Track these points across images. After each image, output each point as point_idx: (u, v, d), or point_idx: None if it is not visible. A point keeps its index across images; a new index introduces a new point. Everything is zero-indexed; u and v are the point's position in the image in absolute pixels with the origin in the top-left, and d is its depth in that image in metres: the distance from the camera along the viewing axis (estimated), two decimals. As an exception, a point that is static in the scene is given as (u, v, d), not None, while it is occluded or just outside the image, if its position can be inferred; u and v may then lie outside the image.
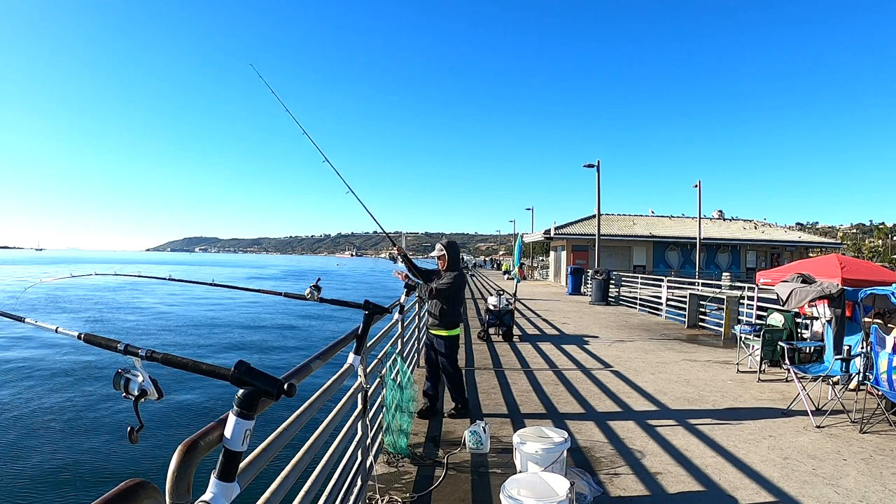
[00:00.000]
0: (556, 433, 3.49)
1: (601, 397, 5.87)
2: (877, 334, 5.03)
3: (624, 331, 11.38)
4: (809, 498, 3.41)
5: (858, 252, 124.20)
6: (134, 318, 21.30)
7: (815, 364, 6.15)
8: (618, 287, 18.65)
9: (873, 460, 4.08)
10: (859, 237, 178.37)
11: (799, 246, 34.99)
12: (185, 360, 1.16)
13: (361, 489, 3.08)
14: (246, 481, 1.41)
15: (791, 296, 6.11)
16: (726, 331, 10.29)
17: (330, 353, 2.28)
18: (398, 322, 5.47)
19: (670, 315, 14.05)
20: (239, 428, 1.12)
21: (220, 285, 2.85)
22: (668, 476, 3.75)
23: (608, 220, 32.54)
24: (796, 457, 4.14)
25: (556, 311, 15.31)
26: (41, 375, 11.15)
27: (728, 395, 6.07)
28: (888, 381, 4.80)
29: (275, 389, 1.13)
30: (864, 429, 4.80)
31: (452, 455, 4.07)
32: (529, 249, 45.29)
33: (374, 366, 3.63)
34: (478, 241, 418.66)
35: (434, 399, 5.16)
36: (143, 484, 0.81)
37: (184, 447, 1.09)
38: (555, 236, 30.92)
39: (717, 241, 32.98)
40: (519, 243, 13.72)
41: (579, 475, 3.56)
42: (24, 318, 1.44)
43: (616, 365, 7.65)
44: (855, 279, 6.71)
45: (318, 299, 2.57)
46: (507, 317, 9.73)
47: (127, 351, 1.16)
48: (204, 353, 14.27)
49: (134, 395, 1.09)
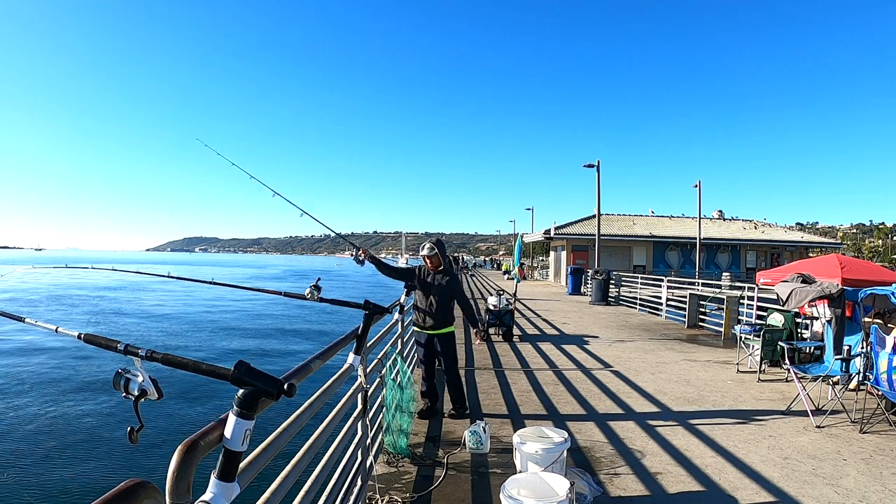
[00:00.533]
0: (556, 433, 3.49)
1: (601, 397, 5.87)
2: (877, 334, 5.03)
3: (624, 331, 11.38)
4: (809, 498, 3.41)
5: (858, 252, 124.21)
6: (134, 318, 21.30)
7: (815, 364, 6.15)
8: (618, 287, 18.65)
9: (873, 460, 4.08)
10: (859, 237, 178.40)
11: (799, 246, 34.99)
12: (185, 360, 1.16)
13: (361, 489, 3.08)
14: (246, 481, 1.41)
15: (791, 296, 6.11)
16: (726, 331, 10.29)
17: (330, 353, 2.28)
18: (398, 322, 5.48)
19: (670, 315, 14.05)
20: (239, 428, 1.12)
21: (219, 283, 2.86)
22: (668, 476, 3.75)
23: (608, 220, 32.54)
24: (796, 457, 4.13)
25: (556, 311, 15.30)
26: (41, 376, 11.15)
27: (728, 395, 6.07)
28: (888, 381, 4.80)
29: (275, 389, 1.13)
30: (864, 429, 4.80)
31: (452, 455, 4.07)
32: (529, 249, 45.29)
33: (374, 366, 3.63)
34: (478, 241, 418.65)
35: (434, 399, 5.15)
36: (143, 484, 0.81)
37: (184, 447, 1.09)
38: (555, 236, 30.92)
39: (717, 241, 32.99)
40: (519, 243, 13.72)
41: (579, 475, 3.56)
42: (24, 318, 1.44)
43: (616, 365, 7.65)
44: (855, 279, 6.71)
45: (317, 299, 2.57)
46: (507, 317, 9.73)
47: (127, 351, 1.16)
48: (204, 353, 14.27)
49: (134, 395, 1.09)
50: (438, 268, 5.02)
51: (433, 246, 4.98)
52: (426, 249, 5.00)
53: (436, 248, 4.97)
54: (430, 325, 5.02)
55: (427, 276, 5.04)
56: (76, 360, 12.41)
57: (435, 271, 5.02)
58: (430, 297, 4.99)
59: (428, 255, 4.99)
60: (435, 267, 5.01)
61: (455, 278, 5.07)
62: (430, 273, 5.03)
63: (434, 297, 4.98)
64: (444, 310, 5.01)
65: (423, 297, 5.03)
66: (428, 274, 5.04)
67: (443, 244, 5.10)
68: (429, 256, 4.98)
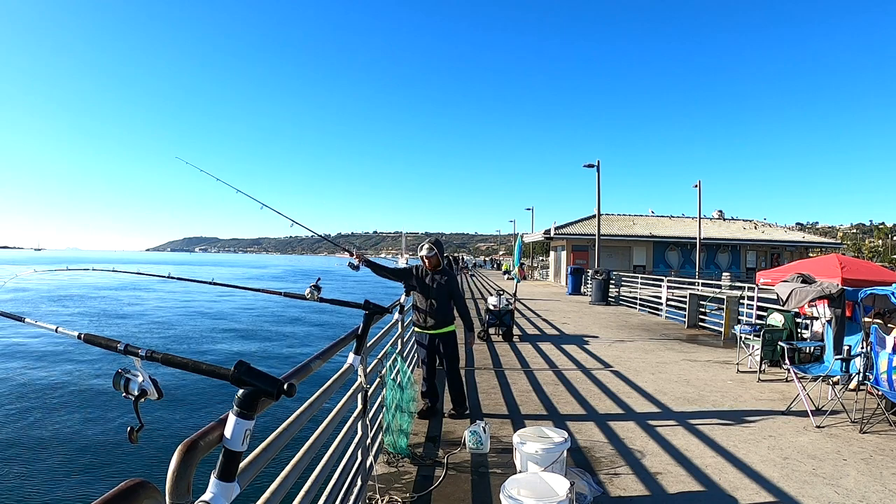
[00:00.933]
0: (556, 433, 3.49)
1: (601, 397, 5.87)
2: (877, 334, 5.03)
3: (624, 331, 11.38)
4: (809, 498, 3.41)
5: (858, 252, 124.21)
6: (134, 318, 21.30)
7: (815, 364, 6.15)
8: (618, 287, 18.65)
9: (873, 460, 4.08)
10: (859, 237, 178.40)
11: (799, 246, 34.99)
12: (185, 360, 1.16)
13: (361, 489, 3.08)
14: (246, 481, 1.41)
15: (791, 296, 6.10)
16: (726, 331, 10.29)
17: (330, 352, 2.28)
18: (398, 322, 5.48)
19: (670, 315, 14.05)
20: (239, 428, 1.12)
21: (219, 284, 2.86)
22: (668, 476, 3.75)
23: (608, 220, 32.54)
24: (796, 457, 4.13)
25: (556, 311, 15.30)
26: (41, 376, 11.15)
27: (728, 395, 6.07)
28: (888, 381, 4.80)
29: (274, 389, 1.13)
30: (864, 429, 4.80)
31: (452, 455, 4.07)
32: (529, 249, 45.30)
33: (374, 366, 3.63)
34: (478, 241, 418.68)
35: (434, 400, 5.16)
36: (143, 484, 0.81)
37: (184, 447, 1.09)
38: (555, 236, 30.92)
39: (717, 241, 32.99)
40: (519, 243, 13.72)
41: (579, 475, 3.56)
42: (24, 318, 1.44)
43: (616, 365, 7.65)
44: (855, 279, 6.71)
45: (318, 299, 2.57)
46: (507, 317, 9.73)
47: (127, 351, 1.17)
48: (204, 354, 14.27)
49: (134, 395, 1.09)
50: (437, 268, 5.03)
51: (432, 246, 5.00)
52: (425, 249, 5.02)
53: (435, 249, 4.98)
54: (431, 324, 5.04)
55: (425, 276, 5.05)
56: (76, 360, 12.41)
57: (433, 271, 5.03)
58: (430, 297, 5.00)
59: (427, 255, 5.00)
60: (433, 267, 5.02)
61: (453, 278, 5.09)
62: (429, 273, 5.04)
63: (434, 297, 4.99)
64: (444, 309, 5.03)
65: (423, 298, 5.04)
66: (426, 274, 5.05)
67: (441, 244, 5.11)
68: (428, 257, 5.00)
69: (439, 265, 5.04)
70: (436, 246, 5.00)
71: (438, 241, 5.09)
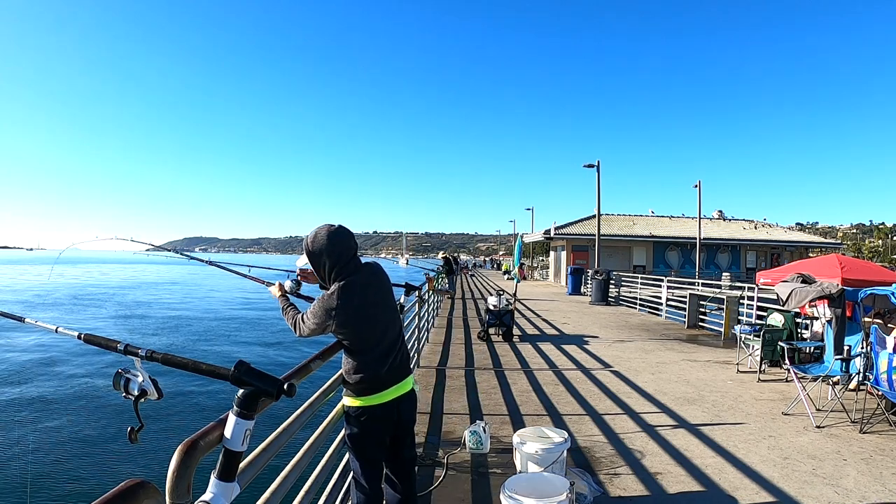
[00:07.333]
0: (556, 433, 3.49)
1: (601, 397, 5.87)
2: (877, 334, 5.03)
3: (624, 331, 11.38)
4: (809, 498, 3.41)
5: (858, 252, 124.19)
6: (134, 319, 21.29)
7: (815, 364, 6.15)
8: (618, 287, 18.64)
9: (873, 460, 4.08)
10: (859, 237, 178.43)
11: (799, 246, 34.99)
12: (185, 360, 1.16)
13: (361, 489, 3.07)
14: (246, 481, 1.41)
15: (791, 296, 6.11)
16: (726, 331, 10.28)
17: (330, 352, 2.27)
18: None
19: (670, 315, 14.05)
20: (239, 428, 1.12)
21: (252, 276, 3.04)
22: (668, 476, 3.75)
23: (608, 221, 32.53)
24: (796, 457, 4.13)
25: (556, 311, 15.30)
26: (41, 375, 11.15)
27: (728, 395, 6.07)
28: (888, 381, 4.80)
29: (275, 389, 1.13)
30: (864, 429, 4.80)
31: (452, 455, 4.07)
32: (529, 249, 45.29)
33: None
34: (478, 241, 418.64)
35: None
36: (143, 484, 0.82)
37: (184, 447, 1.09)
38: (555, 236, 30.92)
39: (717, 241, 32.98)
40: (519, 243, 13.73)
41: (579, 475, 3.56)
42: (24, 318, 1.44)
43: (616, 365, 7.65)
44: (855, 279, 6.71)
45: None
46: (507, 317, 9.73)
47: (127, 351, 1.17)
48: (204, 353, 14.27)
49: (134, 395, 1.10)
50: None
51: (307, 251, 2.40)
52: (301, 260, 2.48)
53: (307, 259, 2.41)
54: (389, 380, 2.39)
55: (366, 295, 2.36)
56: (76, 360, 12.41)
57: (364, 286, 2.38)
58: (381, 329, 2.40)
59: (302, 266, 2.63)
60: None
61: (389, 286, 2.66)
62: (366, 289, 2.37)
63: (390, 328, 2.44)
64: (403, 347, 2.55)
65: (369, 333, 2.34)
66: (366, 292, 2.36)
67: (337, 237, 2.38)
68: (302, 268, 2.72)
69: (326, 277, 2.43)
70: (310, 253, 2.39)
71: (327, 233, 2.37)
